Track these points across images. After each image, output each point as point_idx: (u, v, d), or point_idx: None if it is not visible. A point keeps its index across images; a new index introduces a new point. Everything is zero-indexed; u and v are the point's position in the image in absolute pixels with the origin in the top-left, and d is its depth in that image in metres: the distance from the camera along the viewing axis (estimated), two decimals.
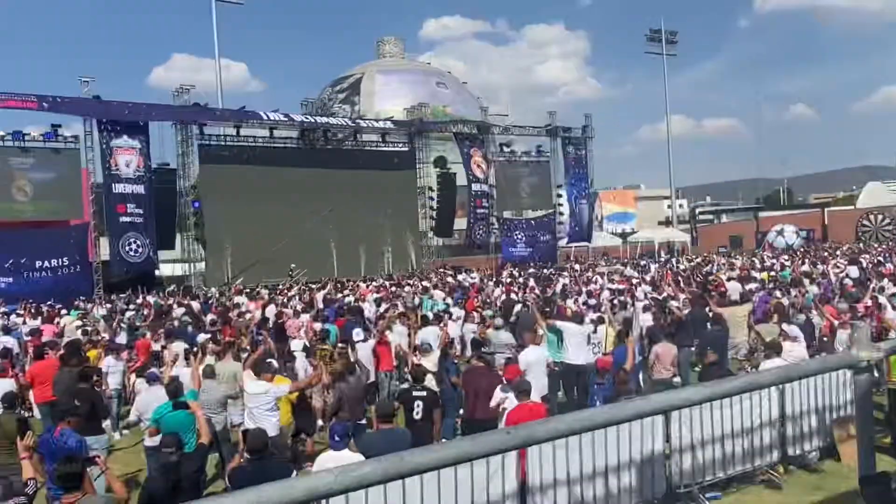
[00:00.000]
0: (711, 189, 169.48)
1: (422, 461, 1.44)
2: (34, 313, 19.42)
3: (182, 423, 7.47)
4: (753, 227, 56.39)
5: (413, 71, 78.64)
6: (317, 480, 1.38)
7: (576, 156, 45.45)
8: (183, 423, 7.48)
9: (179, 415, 7.62)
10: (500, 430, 1.60)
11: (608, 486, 6.69)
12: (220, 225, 32.98)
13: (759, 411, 7.64)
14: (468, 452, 1.53)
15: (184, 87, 32.80)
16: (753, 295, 15.22)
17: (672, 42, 56.80)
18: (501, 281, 23.73)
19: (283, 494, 1.33)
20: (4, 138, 28.36)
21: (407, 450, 1.40)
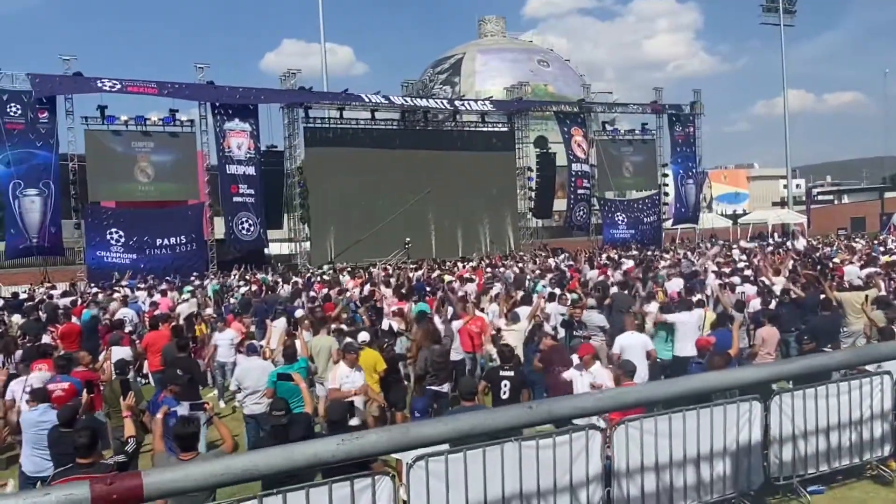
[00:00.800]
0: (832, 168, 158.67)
1: (429, 433, 1.40)
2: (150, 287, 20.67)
3: (293, 388, 7.99)
4: (878, 208, 52.42)
5: (514, 49, 77.76)
6: (319, 446, 1.37)
7: (683, 133, 43.63)
8: (293, 388, 7.99)
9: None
10: (521, 405, 1.52)
11: (700, 474, 6.45)
12: (324, 205, 34.05)
13: (870, 401, 7.14)
14: (480, 425, 1.47)
15: (290, 72, 33.85)
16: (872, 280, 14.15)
17: (790, 11, 53.30)
18: (596, 263, 23.20)
19: (284, 458, 1.32)
20: (128, 123, 30.28)
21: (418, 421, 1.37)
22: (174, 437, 5.82)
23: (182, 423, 5.83)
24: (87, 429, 5.75)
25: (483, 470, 5.61)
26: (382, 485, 5.37)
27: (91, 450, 5.46)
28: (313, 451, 1.33)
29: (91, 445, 5.47)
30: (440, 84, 69.96)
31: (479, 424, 1.47)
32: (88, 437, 5.49)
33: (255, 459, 1.29)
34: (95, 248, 29.25)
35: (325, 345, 9.95)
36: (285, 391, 8.00)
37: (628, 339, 9.80)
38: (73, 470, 5.35)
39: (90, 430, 5.71)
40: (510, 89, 43.22)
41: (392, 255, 32.65)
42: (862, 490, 7.13)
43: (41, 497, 1.23)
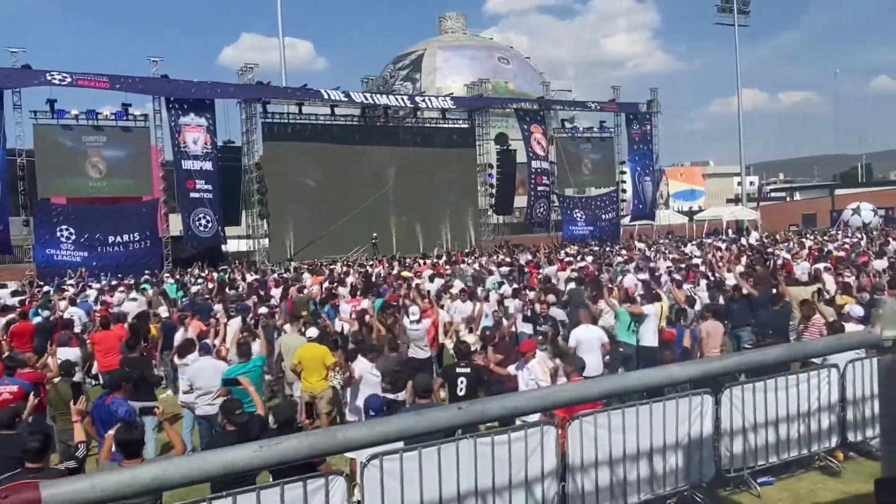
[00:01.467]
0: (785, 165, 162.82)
1: (354, 437, 1.35)
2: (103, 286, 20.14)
3: (252, 383, 7.89)
4: (828, 204, 53.91)
5: (475, 46, 77.91)
6: (237, 453, 1.31)
7: (640, 131, 44.28)
8: (252, 383, 7.91)
9: (249, 377, 8.05)
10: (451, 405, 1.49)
11: (653, 467, 6.51)
12: (282, 201, 33.60)
13: (818, 394, 7.30)
14: (409, 429, 1.43)
15: (248, 66, 33.36)
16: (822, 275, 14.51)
17: (744, 12, 54.31)
18: (555, 259, 23.37)
19: (196, 467, 1.26)
20: (78, 117, 29.47)
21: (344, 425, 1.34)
22: (117, 443, 5.63)
23: (125, 429, 5.62)
24: (40, 433, 5.57)
25: (438, 467, 5.57)
26: (336, 485, 5.30)
27: (42, 455, 5.27)
28: (229, 458, 1.27)
29: (42, 450, 5.29)
30: (401, 80, 69.46)
31: (408, 428, 1.43)
32: (41, 441, 5.31)
33: (166, 468, 1.23)
34: (45, 246, 28.42)
35: (296, 343, 9.82)
36: (239, 391, 7.85)
37: (584, 332, 9.93)
38: (22, 475, 5.16)
39: (43, 434, 5.52)
40: (471, 86, 43.27)
41: (353, 252, 32.44)
42: (810, 481, 7.29)
43: None
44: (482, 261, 23.87)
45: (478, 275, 19.00)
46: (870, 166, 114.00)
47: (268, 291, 17.47)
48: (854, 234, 34.25)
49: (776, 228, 43.74)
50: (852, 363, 7.41)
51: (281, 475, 5.18)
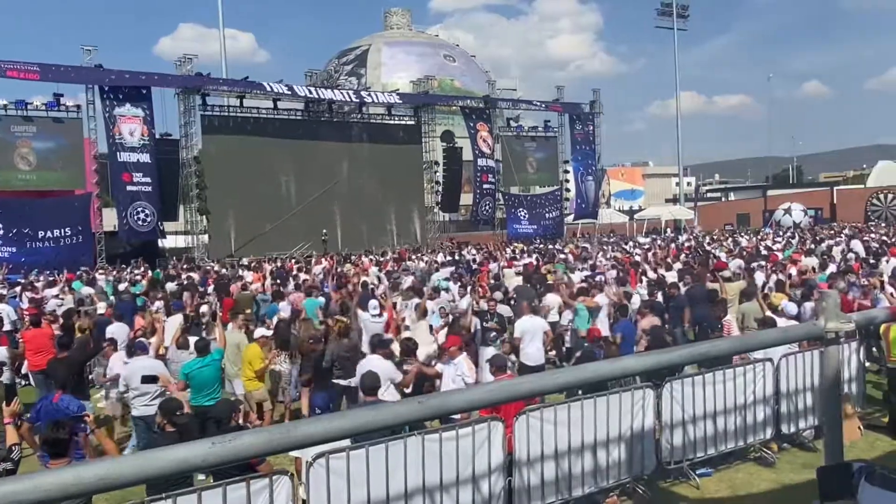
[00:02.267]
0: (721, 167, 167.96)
1: (313, 432, 1.31)
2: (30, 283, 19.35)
3: (209, 378, 8.10)
4: (761, 205, 55.86)
5: (420, 43, 77.77)
6: (189, 450, 1.26)
7: (583, 132, 45.00)
8: (210, 378, 8.11)
9: (207, 370, 8.13)
10: (412, 399, 1.47)
11: (597, 460, 6.61)
12: (223, 196, 32.83)
13: (754, 387, 7.53)
14: (367, 423, 1.40)
15: (186, 57, 32.49)
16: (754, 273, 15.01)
17: (683, 16, 55.82)
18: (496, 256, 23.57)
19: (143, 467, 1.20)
20: (7, 107, 28.24)
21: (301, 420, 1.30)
22: (42, 442, 5.40)
23: (51, 427, 5.38)
24: None
25: (385, 465, 5.53)
26: (280, 485, 5.20)
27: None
28: (181, 455, 1.21)
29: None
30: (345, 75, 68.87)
31: (367, 422, 1.39)
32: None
33: (113, 467, 1.16)
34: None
35: (236, 341, 9.67)
36: (206, 377, 8.08)
37: (528, 322, 10.25)
38: None
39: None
40: (417, 83, 43.20)
41: (297, 248, 31.99)
42: (746, 472, 7.52)
43: None
44: (431, 258, 23.86)
45: (426, 272, 19.00)
46: (801, 168, 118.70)
47: (206, 289, 17.07)
48: (785, 233, 35.56)
49: (712, 227, 45.10)
50: (786, 357, 7.69)
51: (221, 476, 5.06)
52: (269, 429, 1.33)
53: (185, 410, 6.65)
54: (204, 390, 8.14)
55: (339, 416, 1.37)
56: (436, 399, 1.45)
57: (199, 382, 8.15)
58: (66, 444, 5.30)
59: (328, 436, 1.33)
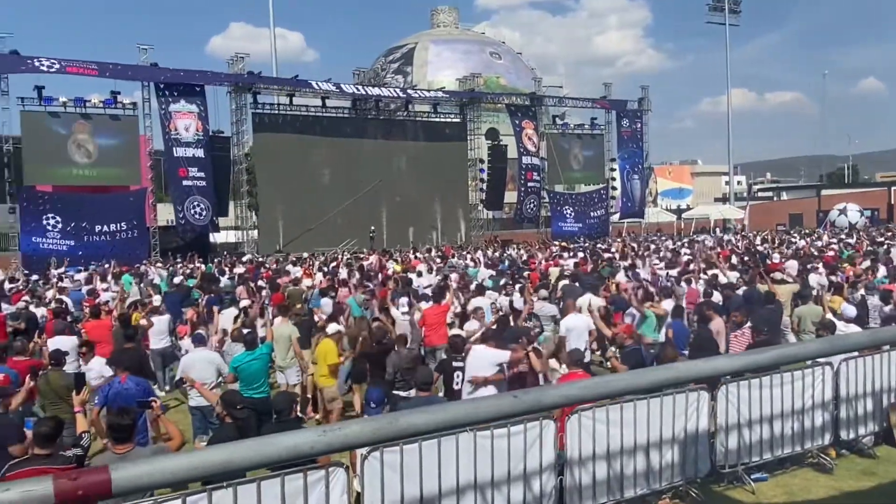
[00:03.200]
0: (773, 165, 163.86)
1: (416, 423, 1.35)
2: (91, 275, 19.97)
3: (257, 371, 8.23)
4: (815, 205, 54.39)
5: (467, 41, 77.71)
6: (300, 437, 1.30)
7: (630, 129, 44.43)
8: (258, 371, 8.23)
9: (256, 364, 8.26)
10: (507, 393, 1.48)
11: (649, 461, 6.55)
12: (272, 193, 33.47)
13: (812, 392, 7.36)
14: (468, 416, 1.42)
15: (238, 56, 33.12)
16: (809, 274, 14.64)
17: (735, 11, 54.68)
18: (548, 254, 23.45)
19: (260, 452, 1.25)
20: (67, 104, 29.15)
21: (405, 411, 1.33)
22: (108, 427, 5.59)
23: (117, 414, 5.57)
24: (51, 419, 5.52)
25: (438, 460, 5.57)
26: (336, 477, 5.28)
27: (51, 441, 5.23)
28: (293, 443, 1.26)
29: (52, 436, 5.24)
30: (392, 73, 69.30)
31: (467, 415, 1.42)
32: (50, 427, 5.27)
33: (234, 451, 1.22)
34: (31, 234, 28.11)
35: (286, 333, 9.82)
36: (254, 370, 8.19)
37: (573, 320, 10.27)
38: (30, 461, 5.11)
39: (54, 420, 5.48)
40: (462, 80, 43.20)
41: (343, 244, 32.37)
42: (803, 477, 7.35)
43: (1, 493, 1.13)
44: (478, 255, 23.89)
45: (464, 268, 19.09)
46: (856, 167, 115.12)
47: (257, 283, 17.38)
48: (840, 234, 34.55)
49: (763, 228, 44.08)
50: (846, 361, 7.49)
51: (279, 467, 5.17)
52: (375, 419, 1.37)
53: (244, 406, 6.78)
54: (252, 383, 8.27)
55: (440, 409, 1.40)
56: (532, 394, 1.47)
57: (247, 375, 8.28)
58: (130, 430, 5.48)
59: (431, 427, 1.37)
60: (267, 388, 8.55)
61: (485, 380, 7.60)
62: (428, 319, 11.11)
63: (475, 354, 7.93)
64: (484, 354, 7.84)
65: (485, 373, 7.71)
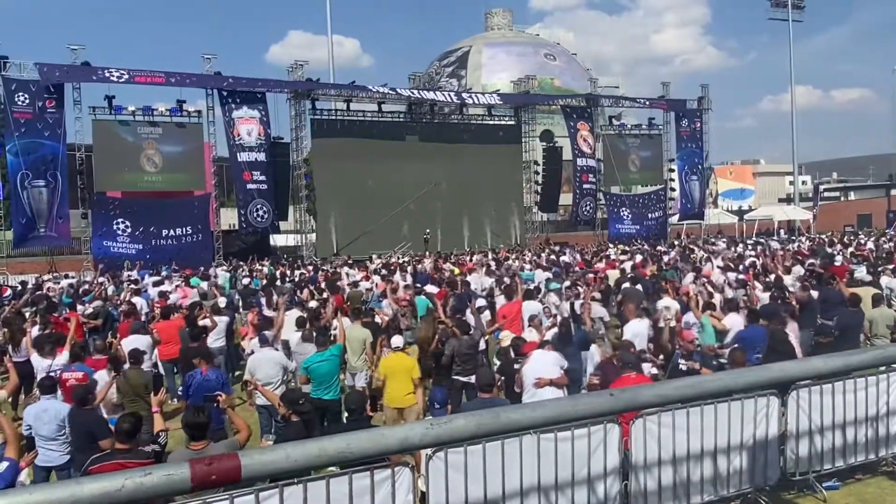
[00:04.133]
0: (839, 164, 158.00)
1: (517, 419, 1.39)
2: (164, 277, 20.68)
3: (328, 372, 8.38)
4: (884, 205, 52.27)
5: (521, 43, 77.57)
6: (410, 430, 1.36)
7: (689, 129, 43.54)
8: (329, 372, 8.39)
9: (326, 365, 8.42)
10: (603, 391, 1.51)
11: (717, 468, 6.44)
12: (329, 197, 34.05)
13: (887, 398, 7.11)
14: (566, 413, 1.46)
15: (297, 63, 33.83)
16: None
17: (798, 7, 53.02)
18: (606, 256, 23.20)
19: (375, 442, 1.31)
20: (135, 113, 30.29)
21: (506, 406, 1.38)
22: (184, 425, 5.80)
23: (193, 412, 5.79)
24: (132, 415, 5.78)
25: (501, 462, 5.60)
26: (402, 476, 5.37)
27: (131, 437, 5.47)
28: (403, 435, 1.33)
29: (132, 432, 5.49)
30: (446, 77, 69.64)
31: (566, 412, 1.46)
32: (131, 423, 5.53)
33: (350, 441, 1.29)
34: (102, 238, 29.31)
35: (360, 336, 9.97)
36: (325, 371, 8.35)
37: (637, 326, 10.20)
38: (112, 455, 5.36)
39: (134, 417, 5.73)
40: (517, 83, 43.13)
41: (399, 247, 32.68)
42: (877, 486, 7.12)
43: (143, 478, 1.23)
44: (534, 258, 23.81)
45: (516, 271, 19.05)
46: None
47: (318, 285, 17.72)
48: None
49: (830, 229, 42.62)
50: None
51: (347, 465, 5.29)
52: (479, 413, 1.42)
53: (306, 400, 6.98)
54: (323, 384, 8.42)
55: (540, 406, 1.45)
56: (628, 393, 1.50)
57: (318, 376, 8.42)
58: (205, 427, 5.69)
59: (532, 423, 1.41)
60: (338, 389, 8.65)
61: (550, 381, 7.59)
62: (507, 314, 11.24)
63: (537, 357, 7.93)
64: (546, 357, 7.83)
65: (549, 374, 7.69)
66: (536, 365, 7.90)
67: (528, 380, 7.71)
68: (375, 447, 1.32)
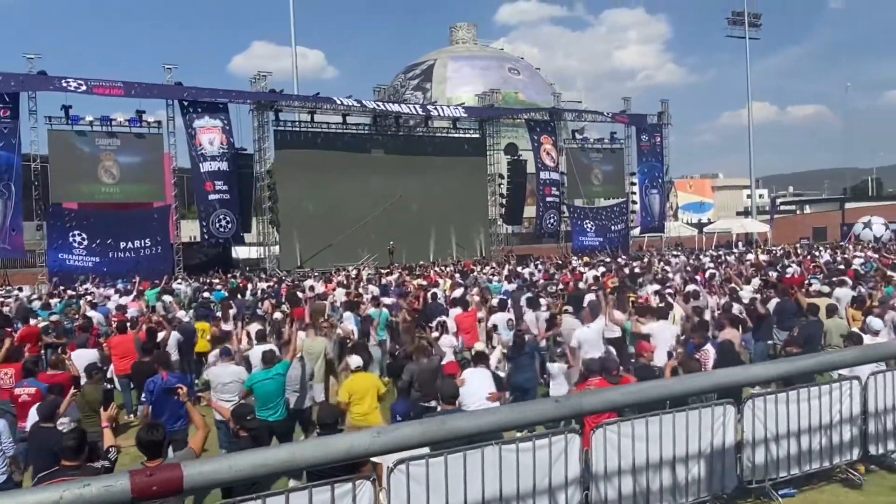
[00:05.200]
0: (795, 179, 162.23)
1: (463, 426, 1.39)
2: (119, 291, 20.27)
3: (272, 392, 8.02)
4: (839, 218, 53.72)
5: (485, 57, 78.25)
6: (356, 438, 1.36)
7: (650, 143, 44.31)
8: (272, 391, 8.03)
9: (271, 384, 8.09)
10: (548, 398, 1.53)
11: (675, 476, 6.51)
12: (293, 209, 33.77)
13: (840, 406, 7.28)
14: (513, 420, 1.47)
15: (261, 74, 33.60)
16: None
17: (755, 25, 54.52)
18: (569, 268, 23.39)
19: (320, 451, 1.30)
20: (93, 123, 29.72)
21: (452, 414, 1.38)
22: (138, 443, 5.62)
23: (147, 430, 5.60)
24: (78, 431, 5.61)
25: (463, 473, 5.60)
26: (363, 490, 5.32)
27: (78, 453, 5.31)
28: (349, 443, 1.32)
29: (78, 449, 5.32)
30: (412, 90, 69.91)
31: (509, 420, 1.47)
32: (76, 440, 5.34)
33: (295, 451, 1.27)
34: (57, 251, 28.63)
35: (317, 349, 9.84)
36: (269, 389, 8.02)
37: (584, 331, 10.15)
38: (59, 473, 5.19)
39: (79, 433, 5.56)
40: (481, 96, 43.43)
41: (363, 260, 32.53)
42: (832, 493, 7.26)
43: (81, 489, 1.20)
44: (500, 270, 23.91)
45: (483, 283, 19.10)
46: (880, 180, 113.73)
47: (279, 298, 17.52)
48: (865, 248, 34.08)
49: (786, 241, 43.61)
50: (874, 375, 7.41)
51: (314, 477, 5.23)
52: (424, 421, 1.42)
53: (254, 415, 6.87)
54: (267, 404, 7.99)
55: (486, 413, 1.45)
56: (573, 399, 1.51)
57: (261, 395, 7.98)
58: (160, 445, 5.53)
59: (476, 429, 1.41)
60: (283, 410, 8.25)
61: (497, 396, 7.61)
62: (463, 325, 11.21)
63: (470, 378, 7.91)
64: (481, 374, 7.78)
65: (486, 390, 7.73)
66: (473, 384, 7.89)
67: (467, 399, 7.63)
68: (321, 456, 1.31)
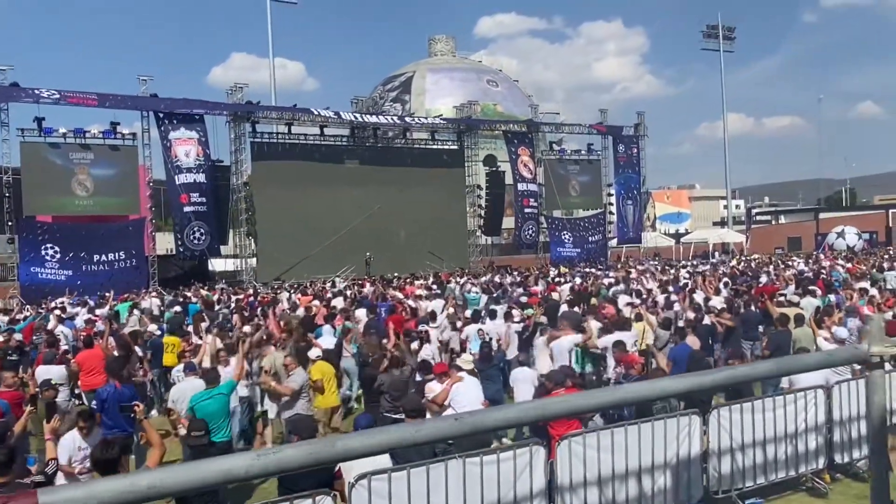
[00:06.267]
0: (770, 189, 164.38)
1: (354, 446, 1.35)
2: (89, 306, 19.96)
3: (213, 412, 7.69)
4: (813, 228, 54.48)
5: (464, 69, 78.61)
6: (234, 461, 1.30)
7: (626, 154, 44.65)
8: (214, 411, 7.70)
9: (213, 403, 7.81)
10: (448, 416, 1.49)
11: (641, 487, 6.49)
12: (271, 221, 33.52)
13: (805, 415, 7.32)
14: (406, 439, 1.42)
15: (238, 86, 33.43)
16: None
17: (729, 38, 55.30)
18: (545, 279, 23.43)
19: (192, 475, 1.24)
20: (66, 135, 29.35)
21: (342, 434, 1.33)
22: (92, 462, 5.50)
23: (101, 448, 5.48)
24: (4, 446, 5.46)
25: (427, 487, 5.54)
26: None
27: (6, 469, 5.16)
28: (226, 466, 1.26)
29: (7, 464, 5.17)
30: (390, 101, 69.92)
31: (405, 437, 1.42)
32: (5, 455, 5.20)
33: (164, 476, 1.22)
34: (30, 264, 28.17)
35: (279, 361, 9.75)
36: (212, 410, 7.72)
37: (560, 342, 10.20)
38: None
39: (7, 448, 5.42)
40: (460, 108, 43.56)
41: (342, 271, 32.36)
42: (798, 502, 7.30)
43: None
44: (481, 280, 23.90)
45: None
46: (854, 191, 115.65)
47: (253, 311, 17.36)
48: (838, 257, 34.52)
49: (762, 251, 44.12)
50: (839, 385, 7.47)
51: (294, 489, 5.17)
52: (311, 442, 1.37)
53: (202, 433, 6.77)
54: (209, 425, 7.44)
55: (379, 432, 1.40)
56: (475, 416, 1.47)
57: (203, 416, 7.47)
58: (115, 464, 5.41)
59: (369, 450, 1.36)
60: (228, 431, 8.00)
61: None
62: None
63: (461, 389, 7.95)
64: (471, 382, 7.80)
65: (477, 401, 7.73)
66: (470, 391, 7.90)
67: (458, 406, 7.64)
68: (191, 481, 1.25)
